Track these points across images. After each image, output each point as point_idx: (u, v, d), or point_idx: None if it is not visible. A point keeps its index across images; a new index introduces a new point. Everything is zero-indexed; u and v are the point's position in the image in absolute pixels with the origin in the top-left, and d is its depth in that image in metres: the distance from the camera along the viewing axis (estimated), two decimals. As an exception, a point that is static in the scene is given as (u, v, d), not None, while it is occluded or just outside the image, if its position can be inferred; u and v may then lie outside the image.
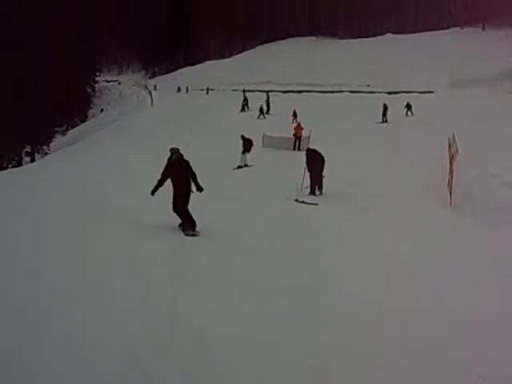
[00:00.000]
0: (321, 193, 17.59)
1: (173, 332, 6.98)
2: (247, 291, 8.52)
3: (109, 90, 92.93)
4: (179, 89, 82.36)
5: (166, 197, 11.62)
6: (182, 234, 11.46)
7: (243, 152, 24.52)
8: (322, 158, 17.89)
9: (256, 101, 51.25)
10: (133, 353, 6.32)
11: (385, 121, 39.38)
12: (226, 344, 6.75)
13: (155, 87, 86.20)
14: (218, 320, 7.38)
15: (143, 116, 50.46)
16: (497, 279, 9.68)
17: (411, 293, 8.78)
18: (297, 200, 15.84)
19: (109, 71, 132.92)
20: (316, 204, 15.29)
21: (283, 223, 13.46)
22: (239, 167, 23.73)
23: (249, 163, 24.24)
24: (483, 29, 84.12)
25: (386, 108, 39.91)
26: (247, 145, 24.80)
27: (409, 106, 42.66)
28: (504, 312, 8.08)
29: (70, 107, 72.41)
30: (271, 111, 48.25)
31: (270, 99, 50.93)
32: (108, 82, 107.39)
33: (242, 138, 24.99)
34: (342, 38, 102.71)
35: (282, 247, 11.07)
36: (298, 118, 37.39)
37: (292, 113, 41.66)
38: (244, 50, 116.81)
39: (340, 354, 6.63)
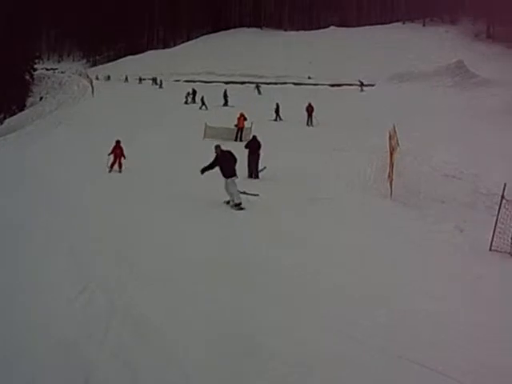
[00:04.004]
0: (257, 177, 18.65)
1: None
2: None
3: (48, 78, 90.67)
4: (126, 78, 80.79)
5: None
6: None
7: (227, 176, 14.64)
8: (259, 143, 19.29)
9: (198, 92, 50.99)
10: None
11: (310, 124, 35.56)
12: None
13: (109, 77, 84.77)
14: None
15: (83, 106, 49.59)
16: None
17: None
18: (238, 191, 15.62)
19: (48, 59, 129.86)
20: (257, 195, 15.18)
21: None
22: (237, 205, 14.40)
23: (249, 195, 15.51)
24: (424, 25, 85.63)
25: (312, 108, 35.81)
26: (225, 164, 14.77)
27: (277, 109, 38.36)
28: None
29: (7, 95, 70.37)
30: (230, 103, 47.94)
31: (228, 92, 50.32)
32: (48, 69, 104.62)
33: (218, 150, 15.12)
34: (286, 30, 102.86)
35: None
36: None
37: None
38: (188, 39, 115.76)
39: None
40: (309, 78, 66.76)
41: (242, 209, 14.16)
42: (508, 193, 11.59)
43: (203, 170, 14.91)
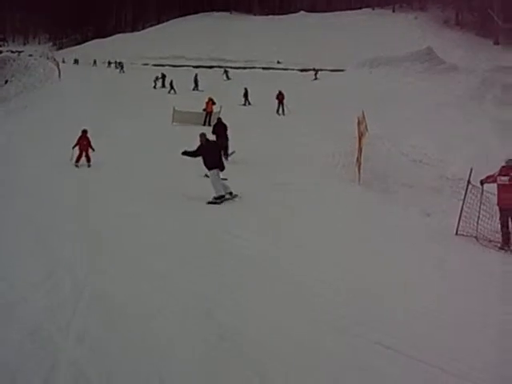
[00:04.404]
0: (226, 159, 17.92)
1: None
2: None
3: (14, 60, 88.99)
4: (95, 62, 79.99)
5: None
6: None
7: (210, 168, 13.95)
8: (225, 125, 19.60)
9: (167, 76, 50.59)
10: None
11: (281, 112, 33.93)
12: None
13: (76, 61, 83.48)
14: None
15: (50, 89, 48.88)
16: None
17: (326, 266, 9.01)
18: (206, 175, 15.32)
19: (13, 41, 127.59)
20: (226, 179, 15.01)
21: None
22: (215, 198, 13.46)
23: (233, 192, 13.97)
24: (393, 11, 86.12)
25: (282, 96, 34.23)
26: (208, 155, 13.96)
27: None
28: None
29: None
30: (200, 87, 47.66)
31: (198, 76, 49.96)
32: (13, 52, 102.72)
33: (203, 139, 14.20)
34: (255, 15, 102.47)
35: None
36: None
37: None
38: (157, 23, 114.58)
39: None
40: (278, 62, 66.75)
41: (216, 203, 13.32)
42: (474, 178, 11.72)
43: (184, 153, 14.21)
